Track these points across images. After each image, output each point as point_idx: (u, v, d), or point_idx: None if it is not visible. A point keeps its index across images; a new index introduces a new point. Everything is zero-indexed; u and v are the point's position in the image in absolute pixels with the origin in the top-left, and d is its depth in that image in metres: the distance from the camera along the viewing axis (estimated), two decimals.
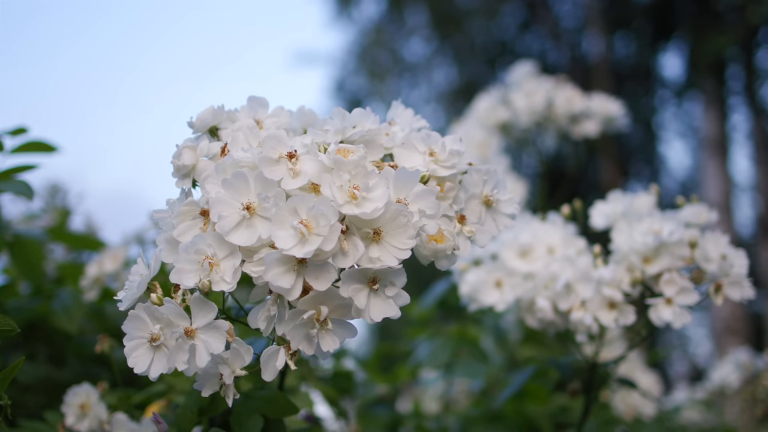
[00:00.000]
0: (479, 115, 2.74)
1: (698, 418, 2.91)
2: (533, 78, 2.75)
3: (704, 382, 2.89)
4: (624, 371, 2.76)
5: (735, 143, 12.48)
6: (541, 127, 2.71)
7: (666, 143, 14.85)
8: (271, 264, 0.97)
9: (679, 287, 1.47)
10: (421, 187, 1.04)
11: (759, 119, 11.38)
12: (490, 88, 2.87)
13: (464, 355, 2.28)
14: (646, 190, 1.64)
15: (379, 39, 14.06)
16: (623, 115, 2.78)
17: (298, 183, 1.02)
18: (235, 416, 1.21)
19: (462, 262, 1.69)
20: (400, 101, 1.24)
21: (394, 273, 1.02)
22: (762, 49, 11.80)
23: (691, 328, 15.11)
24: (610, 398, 2.63)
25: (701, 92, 11.26)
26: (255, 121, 1.16)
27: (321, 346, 1.02)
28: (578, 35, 13.66)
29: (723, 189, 10.52)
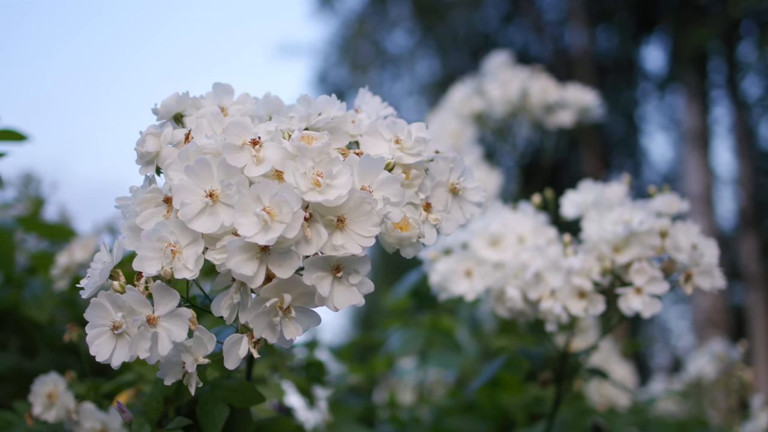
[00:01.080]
0: (454, 105, 2.73)
1: (675, 409, 2.91)
2: (508, 68, 2.75)
3: (681, 373, 2.89)
4: (599, 362, 2.77)
5: (717, 136, 12.52)
6: (516, 117, 2.70)
7: (648, 136, 14.89)
8: (233, 251, 0.96)
9: (648, 276, 1.47)
10: (386, 175, 1.03)
11: (741, 112, 11.42)
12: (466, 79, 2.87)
13: (437, 346, 2.28)
14: (631, 182, 1.64)
15: (361, 31, 14.05)
16: (598, 105, 2.78)
17: (261, 170, 1.01)
18: (201, 405, 1.20)
19: (432, 251, 1.69)
20: (367, 89, 1.23)
21: (358, 261, 1.01)
22: (743, 43, 11.83)
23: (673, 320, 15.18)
24: (585, 389, 2.63)
25: (683, 85, 11.29)
26: (220, 108, 1.15)
27: (284, 334, 1.01)
28: (561, 28, 13.67)
29: (704, 182, 10.56)
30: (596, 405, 2.61)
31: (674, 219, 1.57)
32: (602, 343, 2.89)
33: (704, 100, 11.35)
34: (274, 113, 1.16)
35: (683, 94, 11.37)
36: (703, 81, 11.49)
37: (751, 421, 2.12)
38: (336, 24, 14.20)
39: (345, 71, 14.40)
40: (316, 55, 14.35)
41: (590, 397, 2.67)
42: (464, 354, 2.27)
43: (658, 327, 15.14)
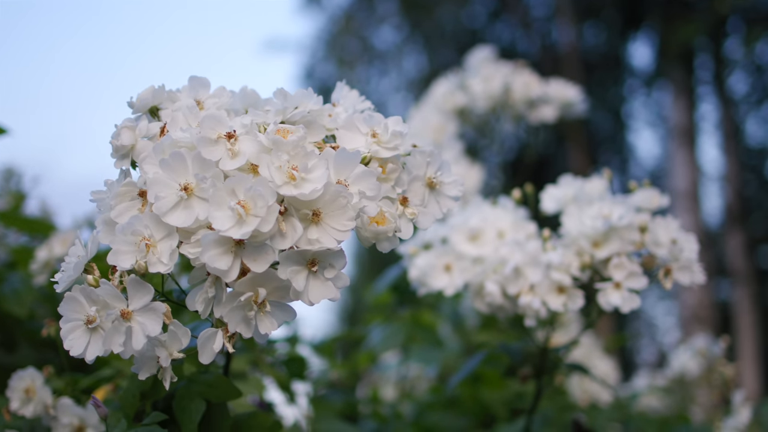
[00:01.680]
0: (437, 100, 2.73)
1: (658, 405, 2.91)
2: (491, 63, 2.74)
3: (664, 369, 2.90)
4: (581, 357, 2.77)
5: (704, 133, 12.56)
6: (498, 113, 2.70)
7: (635, 132, 14.92)
8: (208, 245, 0.95)
9: (627, 271, 1.46)
10: (362, 168, 1.03)
11: (727, 109, 11.45)
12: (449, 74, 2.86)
13: (418, 341, 2.27)
14: (618, 179, 1.63)
15: (348, 26, 14.03)
16: (581, 100, 2.77)
17: (236, 163, 1.00)
18: (177, 400, 1.20)
19: (412, 246, 1.68)
20: (344, 83, 1.23)
21: (334, 255, 1.01)
22: (730, 39, 11.85)
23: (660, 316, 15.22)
24: (567, 384, 2.63)
25: (670, 81, 11.32)
26: (196, 101, 1.14)
27: (259, 328, 1.00)
28: (548, 24, 13.68)
29: (691, 178, 10.58)
30: (578, 400, 2.61)
31: (655, 214, 1.57)
32: (584, 339, 2.89)
33: (691, 96, 11.37)
34: (250, 107, 1.16)
35: (670, 91, 11.40)
36: (690, 77, 11.52)
37: (733, 416, 2.12)
38: (323, 20, 14.19)
39: (332, 67, 14.39)
40: (303, 50, 14.35)
41: (572, 392, 2.67)
42: (446, 349, 2.27)
43: (645, 323, 15.18)
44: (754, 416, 2.85)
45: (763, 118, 12.85)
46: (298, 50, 14.50)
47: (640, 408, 2.85)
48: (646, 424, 2.40)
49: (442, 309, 2.53)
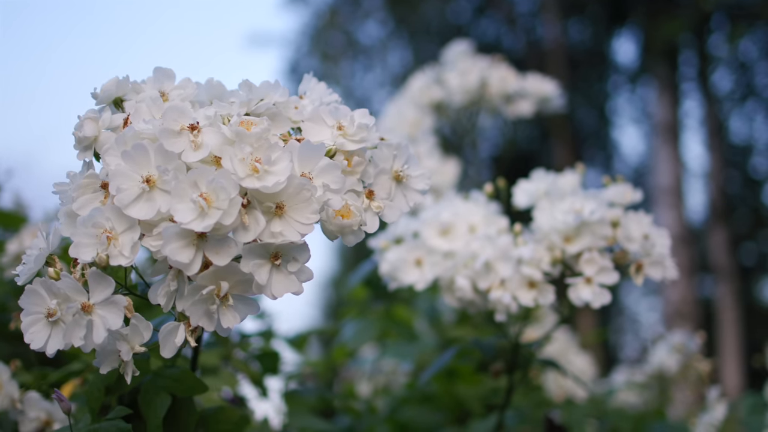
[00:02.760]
0: (413, 93, 2.72)
1: (636, 401, 2.91)
2: (468, 57, 2.73)
3: (643, 364, 2.90)
4: (557, 353, 2.76)
5: (688, 129, 12.59)
6: (475, 107, 2.69)
7: (619, 128, 14.95)
8: (169, 238, 0.94)
9: (599, 267, 1.46)
10: (327, 161, 1.02)
11: (711, 105, 11.47)
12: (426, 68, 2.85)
13: (393, 336, 2.26)
14: (604, 176, 1.63)
15: (333, 21, 14.00)
16: (559, 95, 2.77)
17: (199, 155, 0.99)
18: (143, 394, 1.19)
19: (383, 240, 1.67)
20: (311, 75, 1.22)
21: (297, 248, 1.00)
22: (714, 36, 11.88)
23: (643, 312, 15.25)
24: (543, 380, 2.63)
25: (654, 78, 11.33)
26: (160, 92, 1.13)
27: (221, 322, 1.00)
28: (533, 20, 13.68)
29: (675, 174, 10.60)
30: (553, 396, 2.61)
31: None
32: (560, 335, 2.89)
33: (675, 93, 11.39)
34: (216, 99, 1.14)
35: (654, 87, 11.41)
36: (674, 74, 11.53)
37: (708, 412, 2.11)
38: (307, 14, 14.15)
39: (316, 62, 14.35)
40: (287, 45, 14.30)
41: (549, 388, 2.67)
42: (422, 344, 2.26)
43: (628, 319, 15.21)
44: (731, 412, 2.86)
45: (746, 115, 12.89)
46: (283, 45, 14.47)
47: (617, 404, 2.85)
48: (622, 420, 2.40)
49: (419, 304, 2.52)
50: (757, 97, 12.57)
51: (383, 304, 2.37)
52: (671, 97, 11.12)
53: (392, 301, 2.41)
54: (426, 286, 1.59)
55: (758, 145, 13.12)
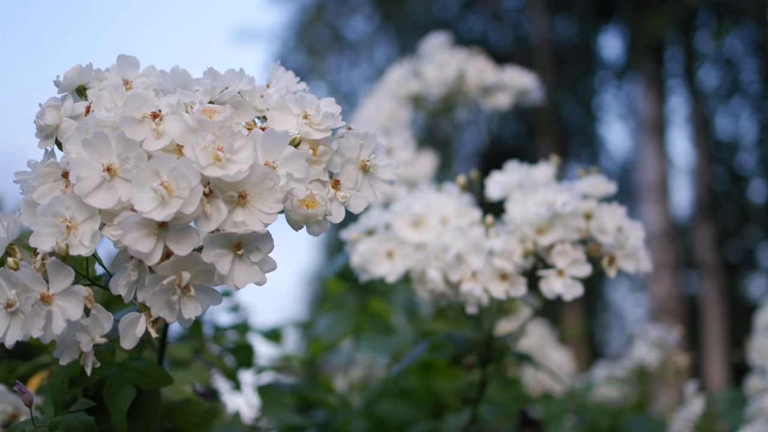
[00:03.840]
0: (390, 86, 2.70)
1: (616, 395, 2.90)
2: (446, 49, 2.71)
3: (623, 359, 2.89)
4: (535, 347, 2.76)
5: (674, 126, 12.62)
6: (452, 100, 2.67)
7: (606, 125, 14.98)
8: (129, 227, 0.93)
9: (571, 259, 1.45)
10: (291, 150, 1.01)
11: (697, 102, 11.50)
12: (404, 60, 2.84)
13: (367, 330, 2.25)
14: (587, 171, 1.61)
15: (319, 16, 13.98)
16: (537, 88, 2.75)
17: (160, 144, 0.98)
18: (107, 387, 1.18)
19: (355, 232, 1.66)
20: (278, 65, 1.20)
21: (260, 238, 0.99)
22: (700, 32, 11.90)
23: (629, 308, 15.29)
24: (520, 374, 2.62)
25: (641, 74, 11.35)
26: (123, 80, 1.11)
27: (183, 313, 0.98)
28: (520, 16, 13.69)
29: (660, 171, 10.63)
30: (531, 390, 2.60)
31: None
32: (538, 328, 2.89)
33: (661, 89, 11.41)
34: (181, 87, 1.13)
35: (641, 83, 11.43)
36: (660, 70, 11.56)
37: (685, 407, 2.11)
38: (293, 9, 14.13)
39: (303, 57, 14.34)
40: (273, 40, 14.28)
41: (527, 382, 2.66)
42: (399, 338, 2.25)
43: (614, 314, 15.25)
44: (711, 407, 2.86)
45: (732, 111, 12.92)
46: (269, 40, 14.44)
47: (597, 398, 2.84)
48: (599, 413, 2.39)
49: (396, 297, 2.51)
50: (743, 94, 12.61)
51: (358, 297, 2.36)
52: (657, 93, 11.15)
53: (368, 295, 2.40)
54: (397, 278, 1.57)
55: (744, 142, 13.17)
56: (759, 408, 2.11)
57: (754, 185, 13.68)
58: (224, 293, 2.06)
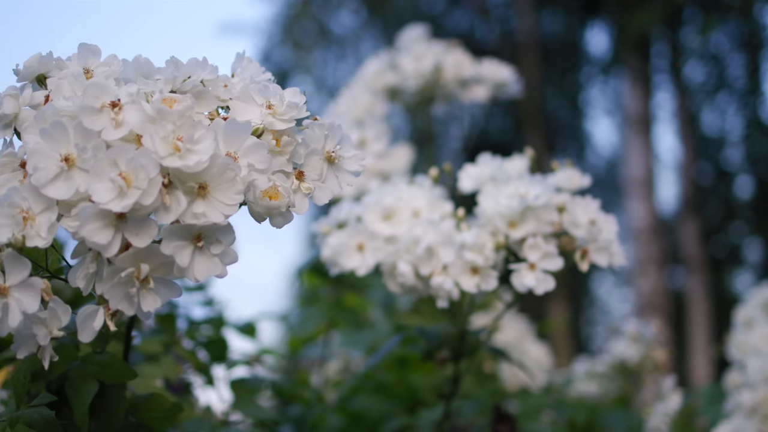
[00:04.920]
0: (367, 79, 2.68)
1: (596, 391, 2.89)
2: (423, 41, 2.69)
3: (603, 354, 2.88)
4: (512, 342, 2.75)
5: (660, 121, 12.65)
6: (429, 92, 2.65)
7: (592, 120, 14.99)
8: (87, 218, 0.91)
9: (542, 252, 1.43)
10: (253, 140, 0.99)
11: (683, 97, 11.51)
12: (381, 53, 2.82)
13: (342, 324, 2.23)
14: (575, 167, 1.60)
15: (305, 10, 13.95)
16: (515, 81, 2.73)
17: (119, 133, 0.96)
18: (70, 381, 1.16)
19: (325, 224, 1.64)
20: (244, 55, 1.18)
21: (221, 230, 0.97)
22: (686, 28, 11.91)
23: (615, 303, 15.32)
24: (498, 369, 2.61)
25: (627, 69, 11.35)
26: (84, 69, 1.09)
27: (141, 305, 0.96)
28: (507, 11, 13.69)
29: (646, 166, 10.64)
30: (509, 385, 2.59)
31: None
32: (516, 323, 2.88)
33: (647, 84, 11.41)
34: (143, 76, 1.11)
35: (627, 79, 11.43)
36: (646, 65, 11.56)
37: (663, 402, 2.10)
38: (279, 3, 14.11)
39: (289, 51, 14.31)
40: (259, 34, 14.25)
41: (505, 377, 2.65)
42: (375, 332, 2.23)
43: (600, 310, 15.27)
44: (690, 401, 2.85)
45: (718, 107, 12.94)
46: (255, 34, 14.43)
47: (577, 394, 2.84)
48: (577, 409, 2.39)
49: (374, 291, 2.49)
50: (729, 89, 12.64)
51: (333, 291, 2.34)
52: (644, 88, 11.15)
53: (345, 289, 2.38)
54: (367, 272, 1.55)
55: (730, 138, 13.19)
56: (737, 403, 2.10)
57: (740, 181, 13.72)
58: (198, 287, 2.04)
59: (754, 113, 12.79)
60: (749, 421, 2.03)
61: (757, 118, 12.78)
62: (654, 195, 10.90)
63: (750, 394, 2.07)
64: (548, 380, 2.97)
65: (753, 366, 2.20)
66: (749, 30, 12.10)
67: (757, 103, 12.67)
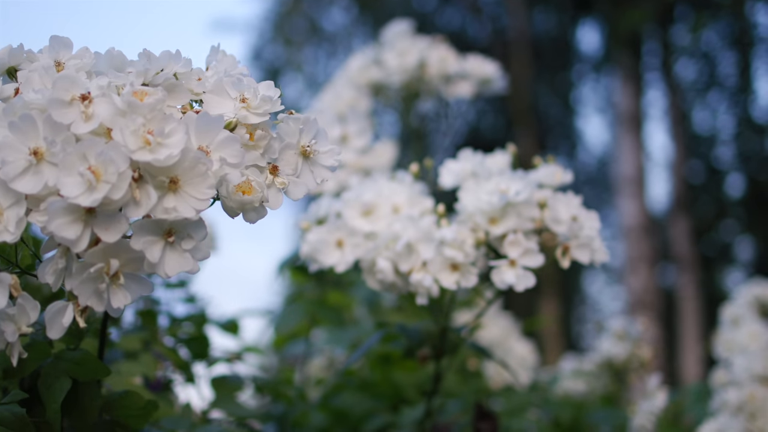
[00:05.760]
0: (351, 74, 2.66)
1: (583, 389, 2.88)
2: (407, 37, 2.67)
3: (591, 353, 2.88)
4: (497, 339, 2.73)
5: (652, 119, 12.66)
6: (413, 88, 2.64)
7: (584, 118, 14.99)
8: (55, 213, 0.90)
9: (523, 249, 1.42)
10: (225, 134, 0.98)
11: (674, 96, 11.52)
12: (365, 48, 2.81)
13: (324, 322, 2.22)
14: (567, 165, 1.59)
15: (296, 7, 13.94)
16: (500, 76, 2.71)
17: (89, 127, 0.94)
18: (42, 378, 1.14)
19: (305, 220, 1.63)
20: (219, 48, 1.17)
21: (193, 225, 0.96)
22: (678, 26, 11.92)
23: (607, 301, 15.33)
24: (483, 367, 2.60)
25: (618, 67, 11.36)
26: (56, 62, 1.08)
27: (111, 302, 0.95)
28: (498, 9, 13.69)
29: (637, 164, 10.64)
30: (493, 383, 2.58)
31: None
32: (501, 321, 2.86)
33: (639, 82, 11.42)
34: (116, 69, 1.09)
35: (618, 77, 11.43)
36: (638, 63, 11.57)
37: (648, 399, 2.09)
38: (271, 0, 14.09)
39: (280, 48, 14.29)
40: (251, 31, 14.23)
41: (490, 375, 2.64)
42: (360, 330, 2.22)
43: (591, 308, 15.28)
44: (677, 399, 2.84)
45: (710, 105, 12.96)
46: (246, 31, 14.41)
47: (564, 391, 2.83)
48: (562, 407, 2.38)
49: (359, 289, 2.47)
50: (720, 88, 12.65)
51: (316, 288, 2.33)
52: (635, 86, 11.15)
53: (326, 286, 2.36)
54: (347, 268, 1.54)
55: (721, 136, 13.20)
56: (723, 401, 2.10)
57: (731, 179, 13.73)
58: (180, 282, 2.03)
59: (745, 111, 12.80)
60: (735, 419, 2.02)
61: (748, 116, 12.79)
62: (645, 193, 10.91)
63: (736, 393, 2.07)
64: (534, 378, 2.97)
65: (739, 364, 2.20)
66: (740, 28, 12.11)
67: (748, 101, 12.68)
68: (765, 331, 2.62)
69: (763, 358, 2.17)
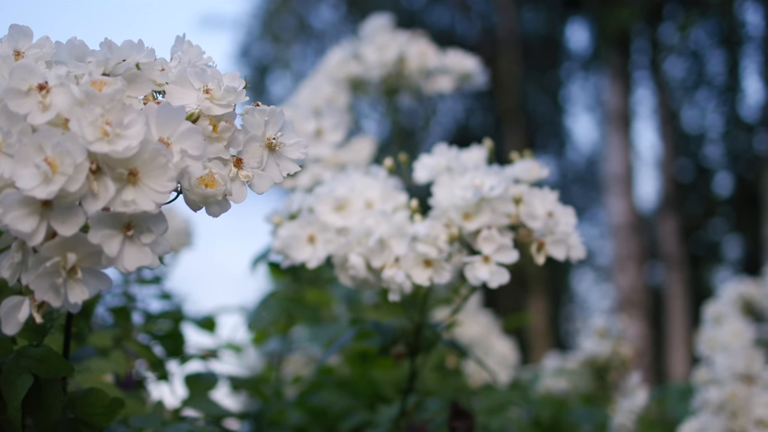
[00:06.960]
0: (330, 69, 2.64)
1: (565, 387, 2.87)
2: (387, 31, 2.65)
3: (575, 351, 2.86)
4: (478, 337, 2.72)
5: (641, 117, 12.67)
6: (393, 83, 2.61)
7: (573, 116, 14.99)
8: (10, 205, 0.87)
9: (497, 245, 1.40)
10: (187, 126, 0.95)
11: (663, 94, 11.53)
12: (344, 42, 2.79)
13: (299, 318, 2.20)
14: (555, 163, 1.57)
15: (285, 4, 13.91)
16: (480, 72, 2.68)
17: (46, 117, 0.92)
18: (4, 375, 1.12)
19: (276, 215, 1.60)
20: (184, 38, 1.14)
21: (152, 218, 0.93)
22: (666, 24, 11.92)
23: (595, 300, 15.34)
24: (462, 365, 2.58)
25: (607, 65, 11.36)
26: (15, 51, 1.06)
27: (69, 297, 0.92)
28: (487, 7, 13.68)
29: (625, 162, 10.65)
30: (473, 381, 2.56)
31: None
32: (482, 318, 2.84)
33: (627, 81, 11.42)
34: (77, 59, 1.07)
35: (607, 75, 11.44)
36: (626, 62, 11.57)
37: (628, 398, 2.08)
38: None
39: (268, 45, 14.27)
40: (239, 28, 14.20)
41: (469, 373, 2.62)
42: (338, 327, 2.19)
43: (579, 306, 15.29)
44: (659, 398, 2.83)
45: (698, 103, 12.97)
46: (234, 28, 14.35)
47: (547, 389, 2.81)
48: (542, 405, 2.36)
49: (337, 286, 2.45)
50: (709, 86, 12.67)
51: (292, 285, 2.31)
52: (623, 85, 11.16)
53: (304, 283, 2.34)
54: (318, 264, 1.51)
55: (710, 134, 13.22)
56: (704, 400, 2.08)
57: (720, 178, 13.76)
58: (155, 278, 2.01)
59: (733, 110, 12.83)
60: (716, 417, 2.01)
61: (736, 114, 12.81)
62: (634, 191, 10.92)
63: (717, 391, 2.05)
64: (515, 376, 2.95)
65: (720, 362, 2.19)
66: (729, 27, 12.13)
67: (736, 99, 12.70)
68: (747, 329, 2.62)
69: (744, 357, 2.16)
